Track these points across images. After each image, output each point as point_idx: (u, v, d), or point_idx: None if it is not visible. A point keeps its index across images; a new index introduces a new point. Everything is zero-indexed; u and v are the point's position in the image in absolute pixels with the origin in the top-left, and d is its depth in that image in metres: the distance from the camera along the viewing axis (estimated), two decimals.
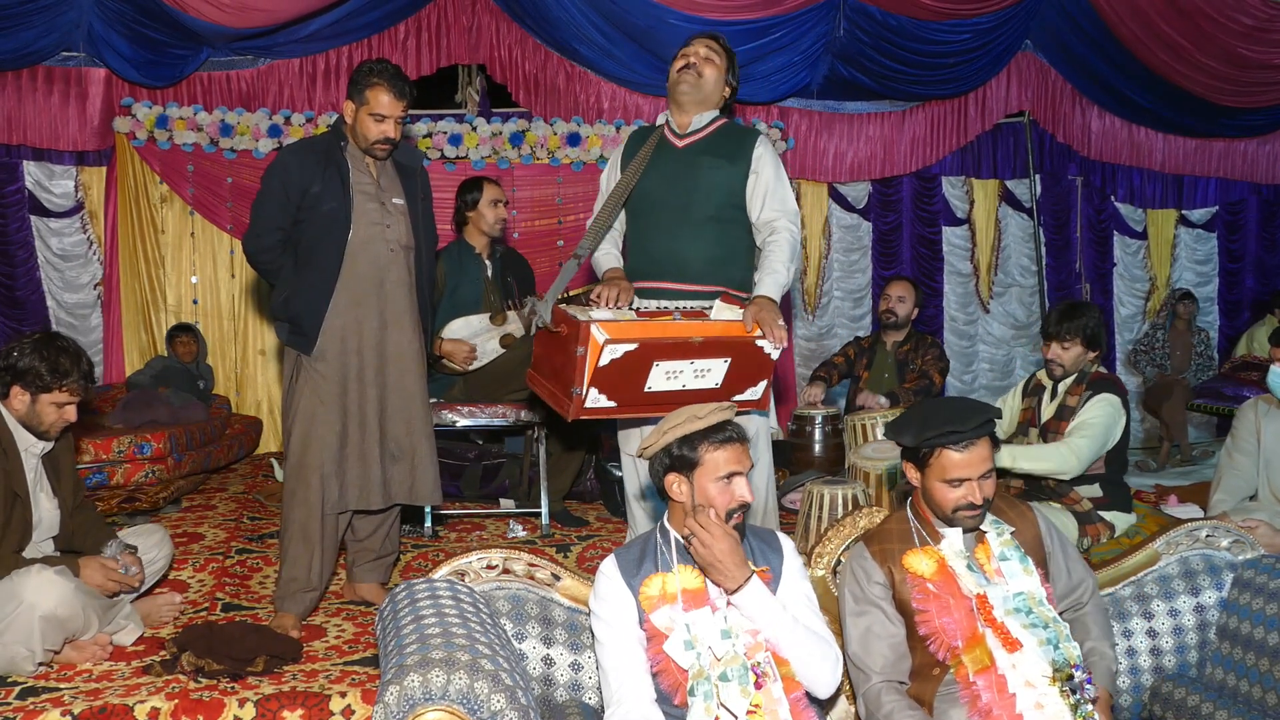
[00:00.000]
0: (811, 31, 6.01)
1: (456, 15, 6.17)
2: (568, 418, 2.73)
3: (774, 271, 2.91)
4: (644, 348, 2.62)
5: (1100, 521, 3.41)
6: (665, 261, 3.00)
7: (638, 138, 3.15)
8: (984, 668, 2.02)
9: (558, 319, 2.74)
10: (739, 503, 2.03)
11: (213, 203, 6.05)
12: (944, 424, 2.09)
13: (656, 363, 2.66)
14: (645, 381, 2.70)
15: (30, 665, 2.68)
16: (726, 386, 2.80)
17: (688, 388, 2.74)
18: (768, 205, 2.99)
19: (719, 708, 1.89)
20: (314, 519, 3.07)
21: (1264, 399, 3.44)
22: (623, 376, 2.65)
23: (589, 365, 2.61)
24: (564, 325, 2.70)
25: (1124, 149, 7.32)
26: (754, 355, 2.78)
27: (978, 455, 2.09)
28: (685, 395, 2.72)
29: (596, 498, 4.64)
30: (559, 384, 2.75)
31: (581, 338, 2.61)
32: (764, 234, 3.00)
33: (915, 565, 2.13)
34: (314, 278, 3.06)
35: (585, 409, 2.69)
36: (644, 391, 2.71)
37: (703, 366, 2.74)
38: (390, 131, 3.06)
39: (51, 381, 2.80)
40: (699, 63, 3.00)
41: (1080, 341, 3.43)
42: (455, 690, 1.69)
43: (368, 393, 3.12)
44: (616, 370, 2.62)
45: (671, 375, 2.71)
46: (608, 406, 2.71)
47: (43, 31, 5.44)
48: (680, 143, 3.05)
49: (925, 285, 7.04)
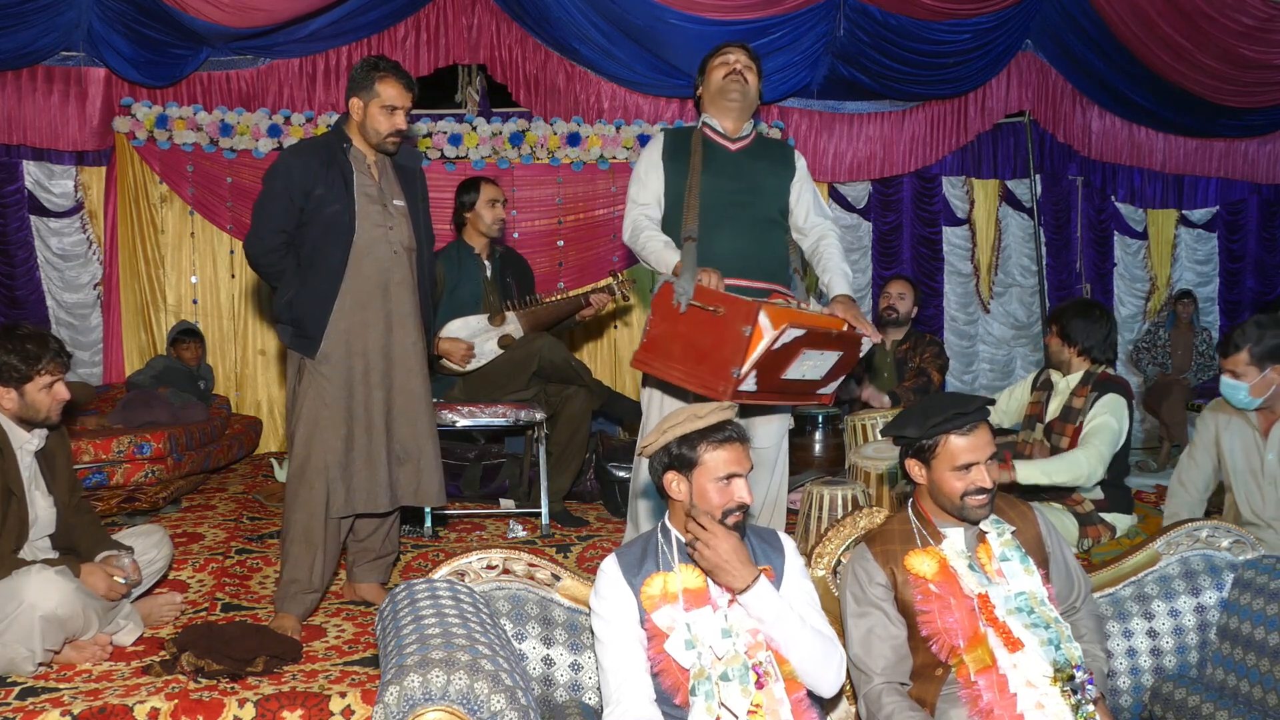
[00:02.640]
0: (811, 31, 6.00)
1: (456, 15, 6.17)
2: (723, 399, 2.63)
3: (844, 273, 3.09)
4: (810, 335, 2.67)
5: (1101, 523, 3.41)
6: (729, 259, 3.00)
7: (677, 137, 3.18)
8: (985, 667, 2.02)
9: (709, 297, 2.70)
10: (737, 503, 2.02)
11: (213, 203, 6.04)
12: (947, 409, 2.12)
13: (805, 351, 2.72)
14: (788, 368, 2.75)
15: (30, 665, 2.68)
16: (825, 379, 2.92)
17: (805, 377, 2.84)
18: (814, 211, 3.16)
19: (720, 707, 1.89)
20: (316, 521, 3.07)
21: (1218, 407, 3.34)
22: (776, 361, 2.68)
23: (756, 347, 2.59)
24: (722, 304, 2.67)
25: (1124, 149, 7.32)
26: (854, 350, 2.90)
27: (982, 439, 2.12)
28: (801, 384, 2.84)
29: (596, 498, 4.64)
30: (709, 364, 2.68)
31: (750, 318, 2.58)
32: (812, 238, 3.15)
33: (917, 566, 2.13)
34: (318, 281, 3.05)
35: (738, 392, 2.68)
36: (781, 378, 2.76)
37: (825, 358, 2.83)
38: (401, 123, 3.07)
39: (29, 370, 2.79)
40: (743, 69, 3.11)
41: (1055, 332, 3.49)
42: (455, 690, 1.69)
43: (373, 395, 3.12)
44: (777, 354, 2.65)
45: (804, 364, 2.77)
46: (751, 390, 2.72)
47: (42, 31, 5.44)
48: (733, 146, 3.14)
49: (925, 285, 7.04)
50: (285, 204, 3.03)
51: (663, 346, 2.80)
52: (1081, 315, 3.47)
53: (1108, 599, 2.49)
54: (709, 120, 3.16)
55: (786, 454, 3.24)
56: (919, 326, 5.22)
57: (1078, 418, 3.38)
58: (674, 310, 2.73)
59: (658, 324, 2.81)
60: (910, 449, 2.19)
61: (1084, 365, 3.47)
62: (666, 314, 2.76)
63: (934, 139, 6.97)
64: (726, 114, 3.12)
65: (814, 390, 2.95)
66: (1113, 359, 3.51)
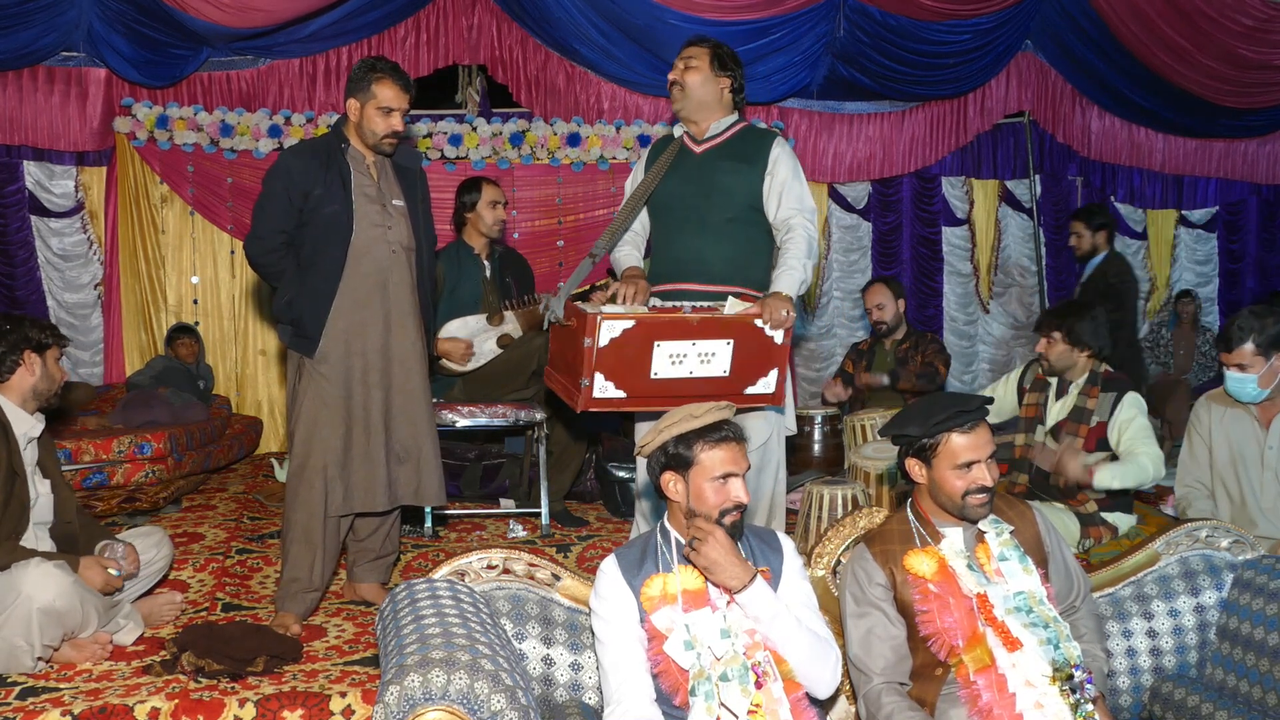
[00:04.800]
0: (811, 32, 6.01)
1: (456, 15, 6.17)
2: (576, 409, 2.75)
3: (790, 268, 2.96)
4: (641, 325, 2.67)
5: (1103, 523, 3.42)
6: (687, 263, 3.06)
7: (660, 146, 3.22)
8: (984, 667, 2.02)
9: (569, 313, 2.78)
10: (734, 503, 2.03)
11: (213, 203, 6.05)
12: (949, 408, 2.12)
13: (657, 343, 2.70)
14: (650, 367, 2.72)
15: (29, 659, 2.69)
16: (736, 374, 2.82)
17: (695, 374, 2.77)
18: (784, 204, 3.04)
19: (720, 708, 1.90)
20: (316, 521, 3.07)
21: (1212, 397, 3.33)
22: (626, 361, 2.68)
23: (594, 351, 2.65)
24: (574, 319, 2.76)
25: (1124, 149, 7.32)
26: (756, 337, 2.80)
27: (982, 437, 2.13)
28: (695, 383, 2.75)
29: (596, 498, 4.64)
30: (570, 377, 2.79)
31: (589, 329, 2.65)
32: (781, 232, 3.06)
33: (916, 566, 2.13)
34: (317, 281, 3.06)
35: (594, 399, 2.71)
36: (651, 379, 2.73)
37: (706, 349, 2.76)
38: (398, 125, 3.08)
39: (47, 338, 2.95)
40: (679, 77, 3.08)
41: (1063, 338, 3.45)
42: (455, 690, 1.69)
43: (372, 395, 3.12)
44: (617, 352, 2.66)
45: (676, 359, 2.73)
46: (617, 397, 2.73)
47: (43, 31, 5.44)
48: (698, 149, 3.12)
49: (925, 285, 7.04)
50: (285, 204, 3.04)
51: (554, 360, 2.97)
52: (1083, 316, 3.46)
53: (1107, 599, 2.49)
54: (683, 126, 3.19)
55: (783, 454, 3.22)
56: (918, 327, 5.22)
57: (1092, 418, 3.39)
58: (556, 326, 2.88)
59: (552, 339, 2.98)
60: (911, 448, 2.19)
61: (1089, 365, 3.48)
62: (554, 330, 2.92)
63: (934, 139, 6.97)
64: (684, 120, 3.15)
65: (736, 390, 2.81)
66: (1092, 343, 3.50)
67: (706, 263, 3.05)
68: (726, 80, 3.10)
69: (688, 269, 3.05)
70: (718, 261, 3.05)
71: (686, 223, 3.08)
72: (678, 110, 3.11)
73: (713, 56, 3.08)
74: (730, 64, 3.10)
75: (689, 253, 3.07)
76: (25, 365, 2.88)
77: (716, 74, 3.08)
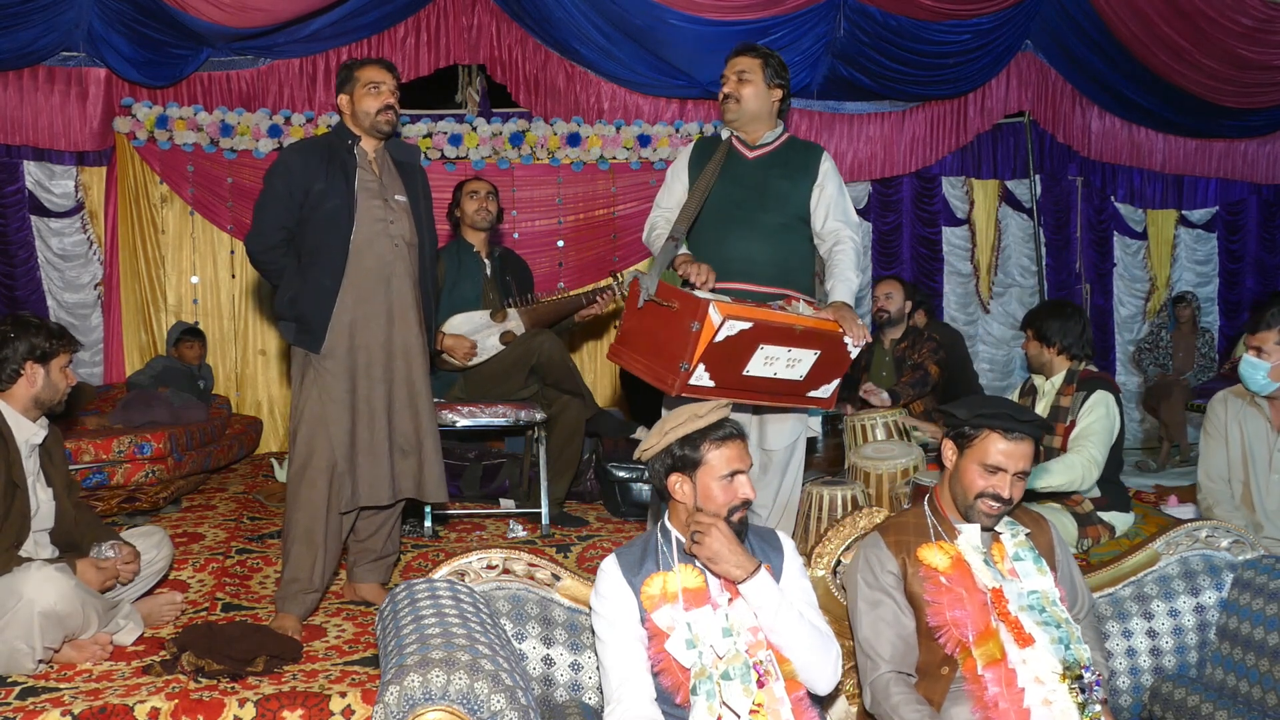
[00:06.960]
0: (811, 32, 6.01)
1: (456, 15, 6.17)
2: (671, 392, 2.74)
3: (846, 279, 3.07)
4: (757, 329, 2.69)
5: (1100, 523, 3.42)
6: (736, 263, 3.08)
7: (705, 146, 3.24)
8: (994, 661, 2.02)
9: (668, 293, 2.76)
10: (741, 500, 2.03)
11: (213, 203, 6.05)
12: (1000, 407, 2.14)
13: (761, 346, 2.74)
14: (746, 364, 2.76)
15: (30, 662, 2.68)
16: (809, 379, 2.92)
17: (779, 375, 2.85)
18: (831, 216, 3.13)
19: (722, 706, 1.89)
20: (318, 521, 3.07)
21: (1233, 392, 3.33)
22: (728, 356, 2.71)
23: (702, 341, 2.64)
24: (677, 299, 2.73)
25: (1124, 149, 7.32)
26: (838, 350, 2.91)
27: (1021, 451, 2.12)
28: (772, 383, 2.85)
29: (596, 498, 4.64)
30: (663, 359, 2.76)
31: (699, 314, 2.64)
32: (828, 243, 3.15)
33: (929, 558, 2.14)
34: (319, 276, 3.06)
35: (689, 385, 2.72)
36: (742, 374, 2.78)
37: (796, 356, 2.84)
38: (389, 98, 3.11)
39: (53, 346, 2.89)
40: (734, 90, 3.11)
41: (1033, 335, 3.52)
42: (455, 690, 1.69)
43: (376, 389, 3.13)
44: (727, 349, 2.68)
45: (770, 361, 2.79)
46: (707, 385, 2.74)
47: (43, 31, 5.44)
48: (750, 154, 3.16)
49: (925, 285, 7.03)
50: (286, 202, 3.05)
51: (630, 340, 2.91)
52: (1055, 315, 3.51)
53: (1107, 599, 2.49)
54: (732, 130, 3.21)
55: (802, 460, 3.24)
56: None
57: (1067, 416, 3.40)
58: (643, 305, 2.83)
59: (628, 318, 2.91)
60: (952, 429, 2.21)
61: (1065, 364, 3.50)
62: (634, 309, 2.86)
63: (934, 139, 6.97)
64: (739, 128, 3.17)
65: (801, 392, 2.95)
66: (1091, 354, 3.54)
67: (756, 264, 3.09)
68: (779, 91, 3.15)
69: (735, 269, 3.06)
70: (767, 265, 3.10)
71: (738, 224, 3.11)
72: (730, 122, 3.14)
73: (765, 67, 3.11)
74: (781, 74, 3.15)
75: (739, 253, 3.09)
76: (26, 376, 2.86)
77: (770, 86, 3.12)
